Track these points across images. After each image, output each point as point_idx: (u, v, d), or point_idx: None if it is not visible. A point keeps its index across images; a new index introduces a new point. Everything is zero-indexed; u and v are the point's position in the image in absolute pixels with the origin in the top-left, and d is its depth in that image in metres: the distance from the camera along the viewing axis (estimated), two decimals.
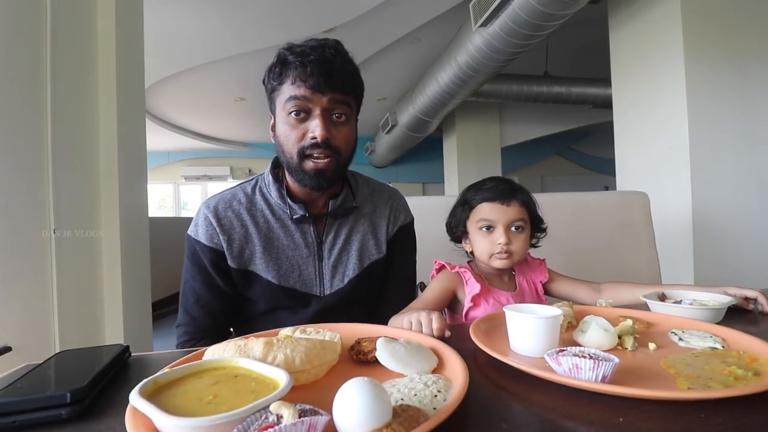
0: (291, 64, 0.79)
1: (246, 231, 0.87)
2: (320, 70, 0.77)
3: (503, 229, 0.92)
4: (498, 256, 0.93)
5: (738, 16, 2.47)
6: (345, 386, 0.36)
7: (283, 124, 0.82)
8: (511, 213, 0.93)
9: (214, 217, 0.87)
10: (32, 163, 1.29)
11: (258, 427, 0.33)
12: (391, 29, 3.93)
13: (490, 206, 0.94)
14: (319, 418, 0.33)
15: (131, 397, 0.37)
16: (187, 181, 8.62)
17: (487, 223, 0.94)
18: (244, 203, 0.90)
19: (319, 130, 0.78)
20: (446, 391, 0.42)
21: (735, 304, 0.80)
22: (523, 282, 1.00)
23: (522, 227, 0.94)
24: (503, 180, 0.99)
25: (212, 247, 0.86)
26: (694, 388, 0.44)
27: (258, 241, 0.87)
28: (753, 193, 2.46)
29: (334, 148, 0.81)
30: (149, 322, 1.85)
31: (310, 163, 0.82)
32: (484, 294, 0.94)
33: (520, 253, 0.94)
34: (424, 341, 0.58)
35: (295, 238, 0.89)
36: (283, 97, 0.81)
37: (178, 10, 3.41)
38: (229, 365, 0.45)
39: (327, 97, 0.79)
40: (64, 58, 1.42)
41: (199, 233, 0.87)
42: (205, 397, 0.38)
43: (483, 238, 0.95)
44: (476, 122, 6.43)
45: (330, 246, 0.90)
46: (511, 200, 0.94)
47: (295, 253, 0.88)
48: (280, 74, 0.81)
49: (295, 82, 0.79)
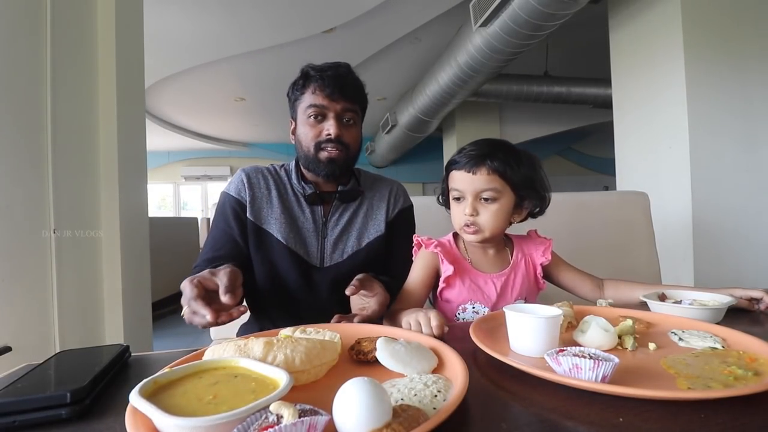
0: (312, 77, 0.96)
1: (269, 194, 1.02)
2: (335, 83, 0.95)
3: (470, 200, 0.85)
4: (465, 230, 0.86)
5: (738, 17, 2.47)
6: (345, 386, 0.36)
7: (303, 125, 0.99)
8: (477, 182, 0.84)
9: (245, 176, 1.03)
10: (32, 163, 1.29)
11: (258, 427, 0.33)
12: (391, 29, 3.93)
13: (459, 174, 0.86)
14: (319, 418, 0.33)
15: (131, 397, 0.37)
16: (187, 181, 8.62)
17: (457, 194, 0.88)
18: (272, 174, 1.06)
19: (333, 129, 0.95)
20: (446, 391, 0.42)
21: (737, 305, 0.80)
22: (521, 260, 0.93)
23: (494, 198, 0.84)
24: (480, 144, 0.88)
25: (237, 198, 1.01)
26: (694, 388, 0.44)
27: (277, 205, 1.01)
28: (753, 193, 2.46)
29: (344, 144, 0.98)
30: (149, 322, 1.85)
31: (324, 153, 0.97)
32: (460, 274, 0.89)
33: (489, 226, 0.85)
34: (424, 341, 0.58)
35: (306, 213, 1.02)
36: (305, 104, 0.97)
37: (178, 10, 3.41)
38: (229, 365, 0.45)
39: (340, 105, 0.96)
40: (64, 58, 1.42)
41: (230, 188, 1.03)
42: (205, 397, 0.38)
43: (455, 207, 0.89)
44: (476, 122, 6.43)
45: (333, 225, 1.03)
46: (479, 167, 0.84)
47: (304, 226, 1.01)
48: (303, 86, 0.98)
49: (315, 92, 0.96)
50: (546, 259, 0.93)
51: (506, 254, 0.94)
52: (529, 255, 0.94)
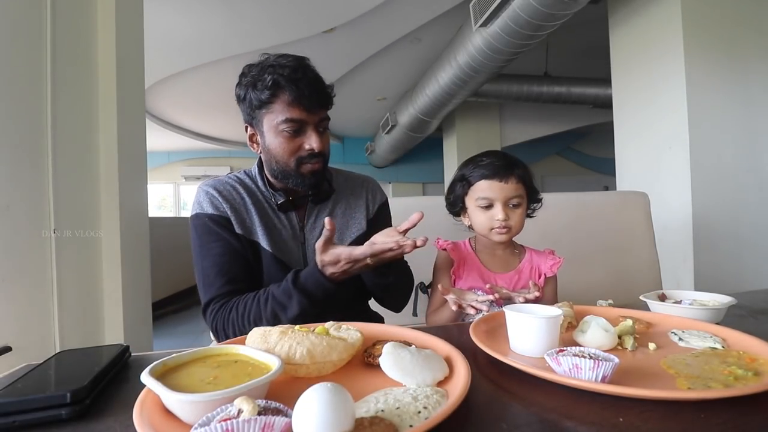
0: (285, 87, 0.86)
1: (244, 203, 0.95)
2: (312, 93, 0.87)
3: (501, 206, 0.94)
4: (497, 231, 0.96)
5: (738, 17, 2.47)
6: (307, 391, 0.35)
7: (276, 138, 0.90)
8: (508, 190, 0.95)
9: (214, 191, 0.95)
10: (32, 163, 1.29)
11: (220, 419, 0.35)
12: (391, 29, 3.93)
13: (488, 184, 0.96)
14: (277, 418, 0.34)
15: (142, 375, 0.41)
16: (187, 181, 8.61)
17: (486, 202, 0.96)
18: (240, 183, 0.98)
19: (316, 144, 0.89)
20: (434, 409, 0.39)
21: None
22: (528, 268, 1.01)
23: (519, 203, 0.96)
24: (500, 155, 0.99)
25: (219, 214, 0.92)
26: (694, 388, 0.44)
27: (255, 213, 0.94)
28: (753, 193, 2.46)
29: (324, 154, 0.93)
30: (149, 322, 1.85)
31: (308, 167, 0.91)
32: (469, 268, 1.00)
33: (517, 227, 0.97)
34: (440, 350, 0.55)
35: (282, 219, 0.97)
36: (277, 117, 0.88)
37: (178, 10, 3.41)
38: (230, 352, 0.50)
39: (318, 116, 0.90)
40: (64, 58, 1.42)
41: (204, 207, 0.93)
42: (206, 379, 0.44)
43: (482, 214, 0.97)
44: (476, 122, 6.43)
45: (311, 229, 0.98)
46: (509, 177, 0.95)
47: (282, 233, 0.96)
48: (272, 94, 0.87)
49: (291, 105, 0.87)
50: (552, 273, 1.00)
51: (515, 259, 1.03)
52: (537, 265, 1.02)
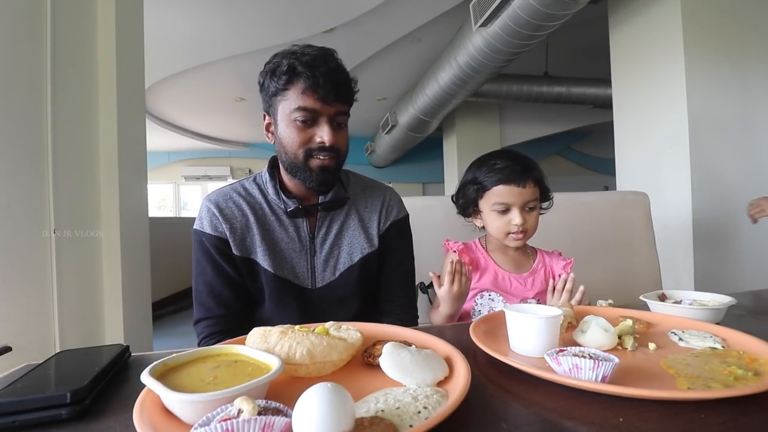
0: (301, 74, 0.83)
1: (246, 220, 0.92)
2: (328, 83, 0.83)
3: (519, 211, 0.94)
4: (514, 237, 0.95)
5: (738, 17, 2.47)
6: (307, 391, 0.35)
7: (287, 128, 0.87)
8: (526, 194, 0.94)
9: (216, 208, 0.92)
10: (32, 163, 1.29)
11: (220, 419, 0.34)
12: (391, 29, 3.93)
13: (506, 189, 0.94)
14: (277, 418, 0.34)
15: (142, 375, 0.41)
16: (187, 181, 8.61)
17: (503, 207, 0.95)
18: (243, 195, 0.95)
19: (327, 137, 0.85)
20: (434, 409, 0.39)
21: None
22: (541, 268, 1.02)
23: (534, 206, 0.97)
24: (514, 157, 0.97)
25: (217, 235, 0.90)
26: (694, 388, 0.44)
27: (257, 231, 0.91)
28: (753, 193, 2.44)
29: (336, 150, 0.88)
30: (149, 322, 1.85)
31: (316, 161, 0.87)
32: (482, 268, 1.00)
33: (532, 230, 0.97)
34: (440, 350, 0.55)
35: (290, 232, 0.93)
36: (290, 105, 0.85)
37: (178, 10, 3.40)
38: (230, 352, 0.50)
39: (333, 108, 0.86)
40: (64, 58, 1.41)
41: (204, 225, 0.92)
42: (206, 379, 0.43)
43: (498, 219, 0.96)
44: (476, 122, 6.42)
45: (322, 241, 0.94)
46: (527, 181, 0.94)
47: (289, 246, 0.93)
48: (288, 81, 0.85)
49: (305, 92, 0.83)
50: (565, 273, 1.00)
51: (528, 260, 1.04)
52: (549, 266, 1.03)
